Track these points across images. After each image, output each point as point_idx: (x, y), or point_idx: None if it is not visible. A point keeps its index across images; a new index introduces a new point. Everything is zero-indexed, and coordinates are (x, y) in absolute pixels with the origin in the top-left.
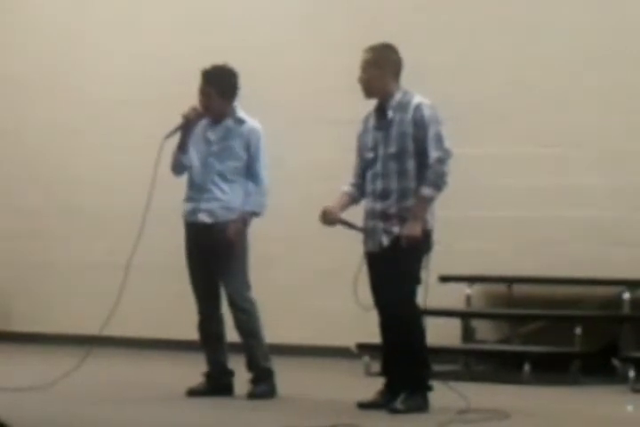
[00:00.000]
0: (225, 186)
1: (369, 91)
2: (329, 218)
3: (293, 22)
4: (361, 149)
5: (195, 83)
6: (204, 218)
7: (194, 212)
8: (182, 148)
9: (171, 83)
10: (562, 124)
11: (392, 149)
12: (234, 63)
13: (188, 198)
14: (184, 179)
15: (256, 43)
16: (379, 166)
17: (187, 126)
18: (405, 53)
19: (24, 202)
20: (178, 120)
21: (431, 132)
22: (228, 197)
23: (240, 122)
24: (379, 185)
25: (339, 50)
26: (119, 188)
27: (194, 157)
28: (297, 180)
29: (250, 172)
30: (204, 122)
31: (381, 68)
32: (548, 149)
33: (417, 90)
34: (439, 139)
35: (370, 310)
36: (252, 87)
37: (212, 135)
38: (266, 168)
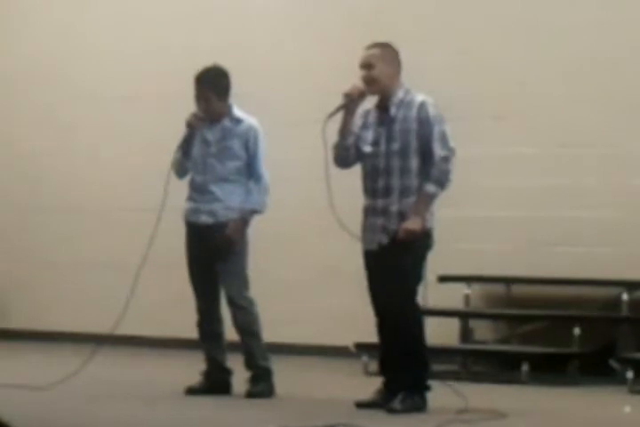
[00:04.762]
0: (226, 186)
1: (376, 87)
2: (358, 86)
3: (293, 21)
4: (358, 141)
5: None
6: (205, 219)
7: (195, 212)
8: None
9: (169, 80)
10: (562, 125)
11: (395, 146)
12: (232, 61)
13: (190, 198)
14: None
15: (254, 41)
16: (381, 163)
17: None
18: (404, 52)
19: (24, 199)
20: (177, 117)
21: (436, 131)
22: (229, 198)
23: (237, 121)
24: (380, 182)
25: (337, 49)
26: (119, 185)
27: (195, 158)
28: (295, 179)
29: (250, 170)
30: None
31: (388, 63)
32: (548, 149)
33: (416, 89)
34: (444, 137)
35: (355, 237)
36: (249, 86)
37: (210, 136)
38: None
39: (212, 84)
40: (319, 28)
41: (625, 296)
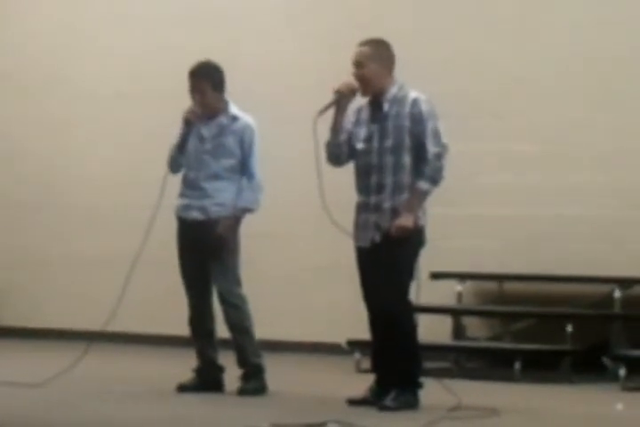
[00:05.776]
0: (219, 183)
1: (367, 86)
2: (348, 83)
3: (289, 19)
4: (351, 138)
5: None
6: (196, 215)
7: (187, 208)
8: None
9: (168, 78)
10: (559, 123)
11: (388, 143)
12: (227, 58)
13: (182, 194)
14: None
15: (247, 38)
16: (374, 160)
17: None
18: (403, 50)
19: (20, 197)
20: (175, 116)
21: (429, 128)
22: (221, 195)
23: (234, 119)
24: (373, 179)
25: (329, 46)
26: (116, 184)
27: (189, 154)
28: (288, 176)
29: (243, 168)
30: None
31: (379, 61)
32: (541, 146)
33: (414, 86)
34: (437, 134)
35: (346, 233)
36: (241, 82)
37: (205, 132)
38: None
39: (207, 77)
40: (315, 25)
41: (617, 293)
